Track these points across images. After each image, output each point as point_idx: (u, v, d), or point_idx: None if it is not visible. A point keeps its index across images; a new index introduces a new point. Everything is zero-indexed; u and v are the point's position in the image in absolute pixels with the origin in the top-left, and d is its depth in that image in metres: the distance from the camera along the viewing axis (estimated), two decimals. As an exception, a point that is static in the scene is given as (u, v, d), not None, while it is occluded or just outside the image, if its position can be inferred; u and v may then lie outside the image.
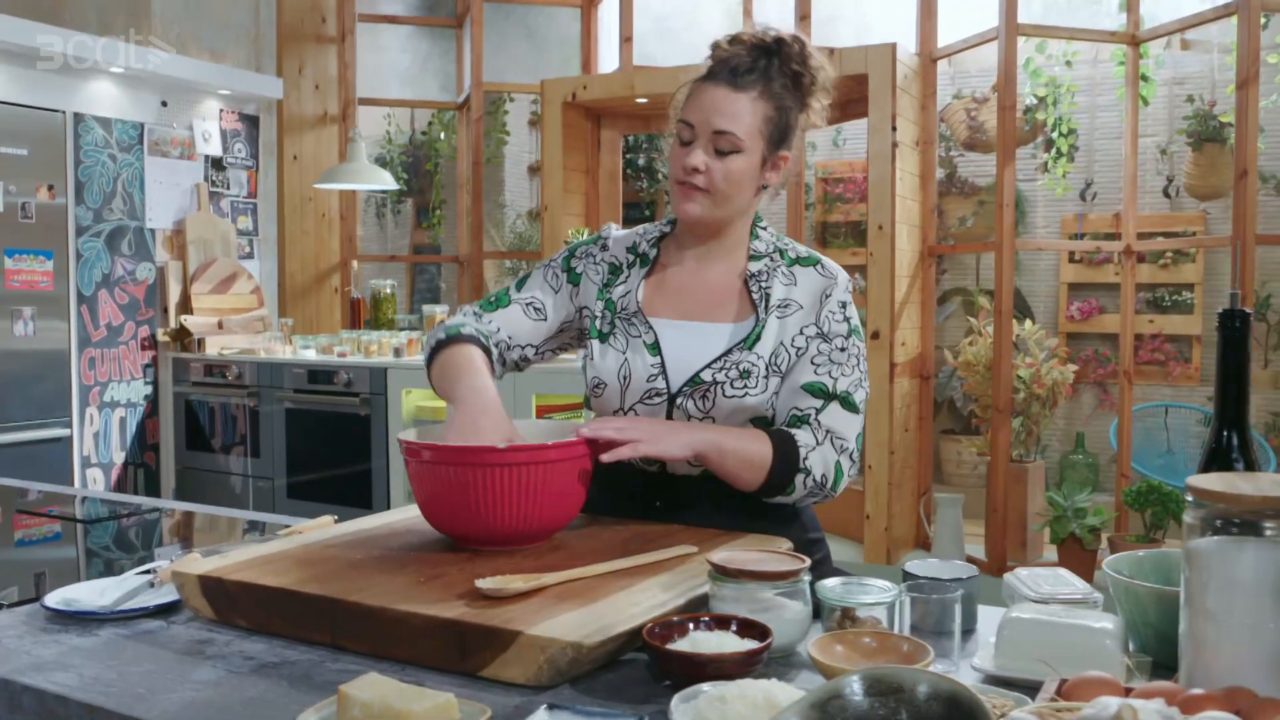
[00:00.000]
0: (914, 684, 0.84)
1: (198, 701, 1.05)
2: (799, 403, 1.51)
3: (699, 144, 1.50)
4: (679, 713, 0.93)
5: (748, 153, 1.50)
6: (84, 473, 4.66)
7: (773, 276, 1.57)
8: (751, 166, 1.52)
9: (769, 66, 1.51)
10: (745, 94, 1.49)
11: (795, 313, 1.55)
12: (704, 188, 1.51)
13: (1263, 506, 0.88)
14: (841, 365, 1.53)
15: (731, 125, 1.49)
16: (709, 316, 1.58)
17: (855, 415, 1.53)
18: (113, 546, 1.89)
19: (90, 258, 4.66)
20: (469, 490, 1.33)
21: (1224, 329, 1.00)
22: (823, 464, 1.49)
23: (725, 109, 1.49)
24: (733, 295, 1.59)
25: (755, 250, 1.60)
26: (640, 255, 1.65)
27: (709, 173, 1.50)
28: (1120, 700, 0.66)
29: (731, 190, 1.52)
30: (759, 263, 1.59)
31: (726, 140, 1.49)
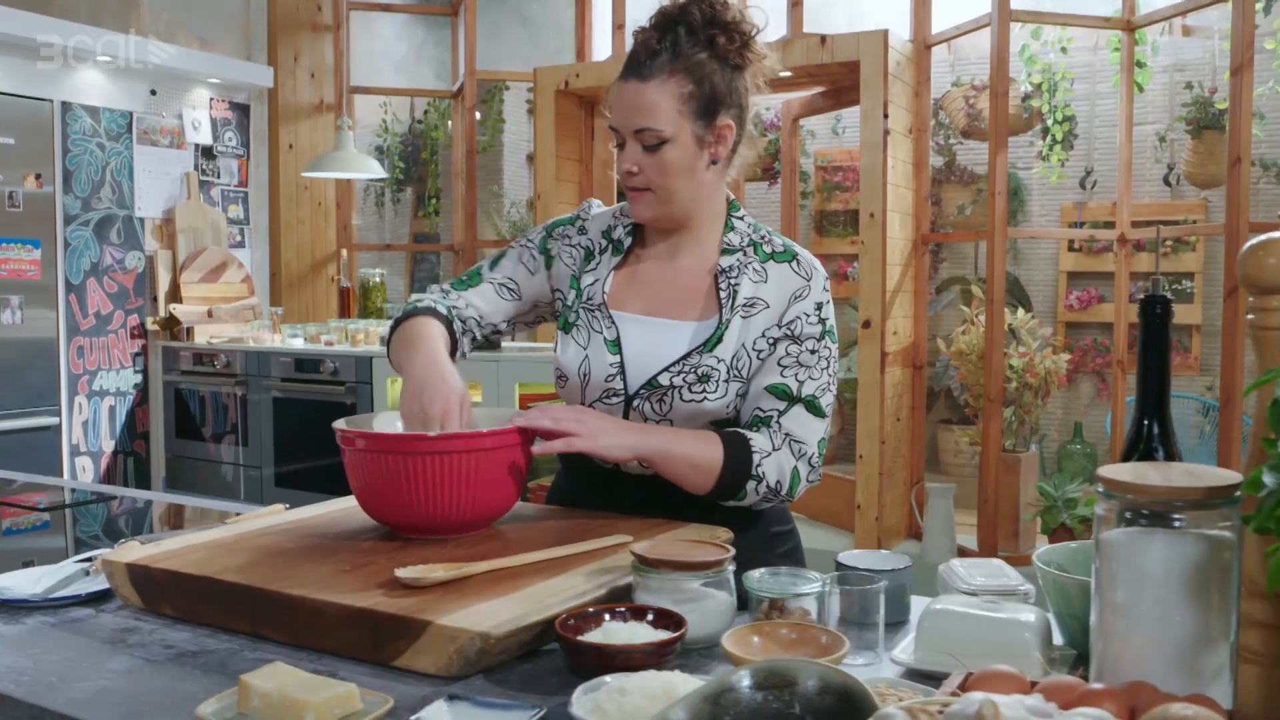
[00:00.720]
0: (806, 677, 0.83)
1: (107, 690, 1.04)
2: (762, 404, 1.47)
3: (628, 146, 1.47)
4: (579, 705, 0.92)
5: (675, 139, 1.44)
6: (73, 461, 4.67)
7: (743, 273, 1.50)
8: (685, 151, 1.46)
9: (677, 41, 1.44)
10: (652, 81, 1.43)
11: (761, 312, 1.48)
12: (644, 187, 1.47)
13: (1170, 497, 0.86)
14: (810, 368, 1.47)
15: (646, 119, 1.44)
16: (673, 314, 1.52)
17: (820, 420, 1.48)
18: (68, 535, 1.88)
19: (79, 246, 4.66)
20: (401, 479, 1.31)
21: (1144, 316, 0.98)
22: (778, 470, 1.44)
23: (637, 104, 1.44)
24: (700, 291, 1.52)
25: (729, 243, 1.53)
26: (615, 242, 1.59)
27: (643, 172, 1.46)
28: (983, 696, 0.64)
29: (672, 182, 1.47)
30: (731, 257, 1.51)
31: (648, 135, 1.44)
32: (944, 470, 6.10)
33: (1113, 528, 0.90)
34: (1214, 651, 0.86)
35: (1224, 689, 0.87)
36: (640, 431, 1.43)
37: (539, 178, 5.36)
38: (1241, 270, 0.92)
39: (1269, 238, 0.92)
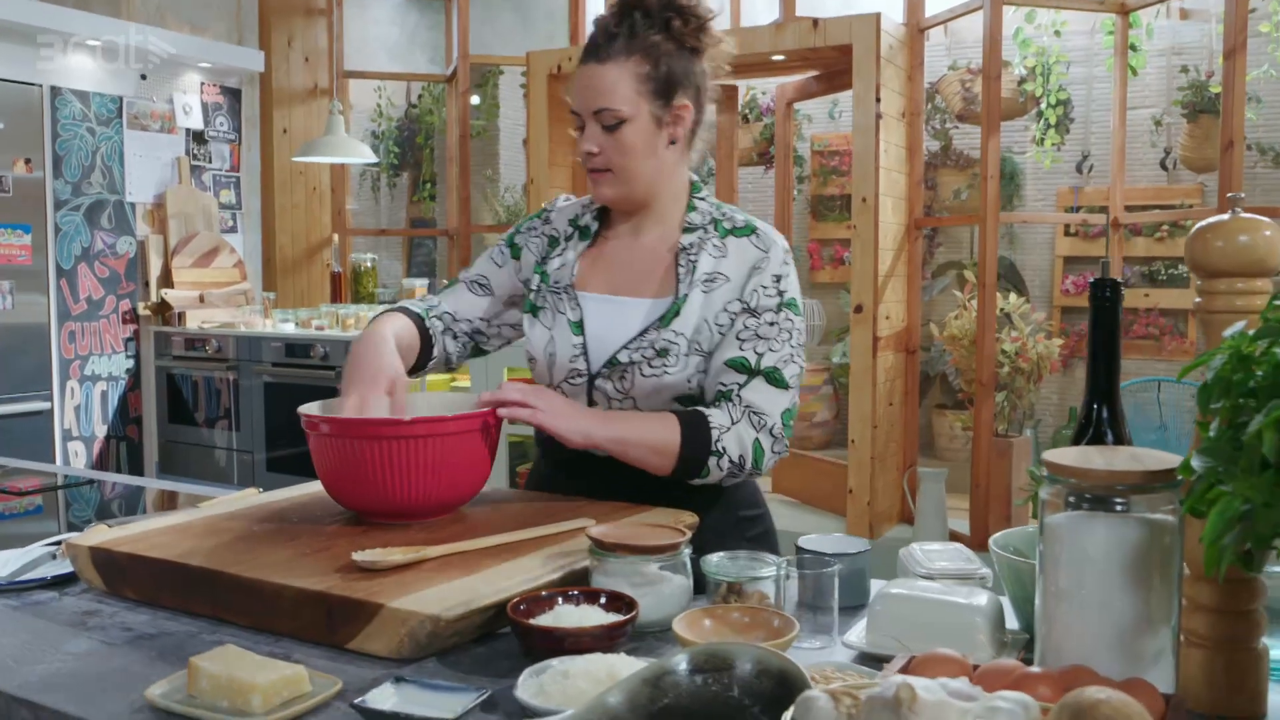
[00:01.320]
0: (743, 660, 0.83)
1: (61, 673, 1.05)
2: (723, 379, 1.48)
3: (588, 127, 1.49)
4: (523, 687, 0.92)
5: (634, 119, 1.47)
6: (65, 446, 4.68)
7: (703, 249, 1.52)
8: (644, 130, 1.48)
9: (633, 25, 1.47)
10: (610, 63, 1.46)
11: (722, 286, 1.50)
12: (605, 168, 1.50)
13: (1112, 481, 0.86)
14: (769, 340, 1.48)
15: (605, 100, 1.46)
16: (634, 291, 1.54)
17: (782, 391, 1.48)
18: (61, 519, 1.88)
19: (69, 231, 4.66)
20: (364, 463, 1.31)
21: (1094, 300, 0.97)
22: (739, 444, 1.44)
23: (596, 85, 1.47)
24: (660, 269, 1.54)
25: (690, 222, 1.55)
26: (581, 228, 1.62)
27: (603, 152, 1.48)
28: (901, 679, 0.64)
29: (631, 161, 1.49)
30: (692, 235, 1.53)
31: (607, 115, 1.47)
32: (939, 455, 6.10)
33: (1058, 512, 0.90)
34: (1155, 635, 0.86)
35: (1164, 673, 0.87)
36: (599, 420, 1.44)
37: (532, 162, 5.34)
38: (1188, 254, 0.92)
39: (1214, 221, 0.92)
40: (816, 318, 6.83)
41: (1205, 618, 0.92)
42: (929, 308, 6.22)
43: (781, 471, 5.78)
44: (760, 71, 5.57)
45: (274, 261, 5.67)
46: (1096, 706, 0.59)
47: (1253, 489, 0.63)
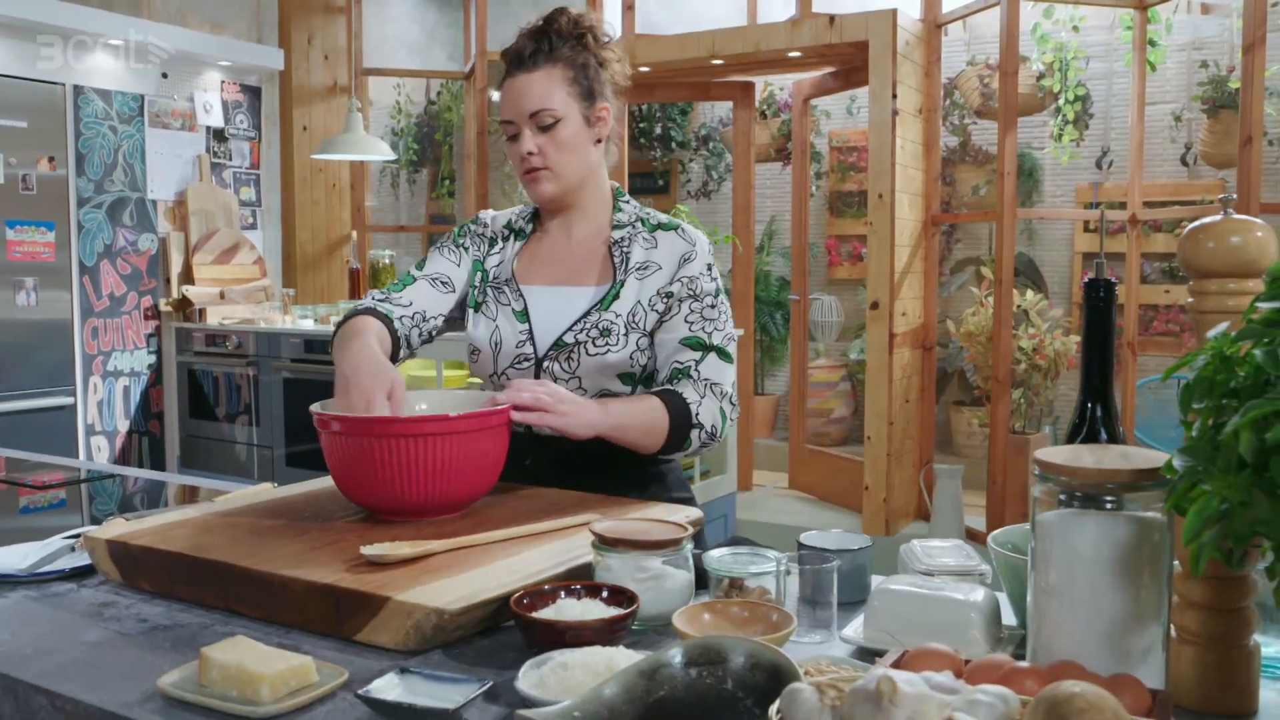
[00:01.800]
0: (736, 653, 0.84)
1: (77, 662, 1.08)
2: (679, 357, 1.63)
3: (524, 132, 1.63)
4: (524, 679, 0.94)
5: (567, 118, 1.62)
6: (88, 441, 4.74)
7: (634, 241, 1.68)
8: (576, 128, 1.63)
9: (551, 40, 1.63)
10: (538, 71, 1.61)
11: (655, 273, 1.65)
12: (544, 166, 1.63)
13: (1101, 479, 0.87)
14: (714, 321, 1.65)
15: (540, 102, 1.61)
16: (574, 280, 1.68)
17: (729, 364, 1.66)
18: (84, 512, 1.92)
19: (92, 229, 4.72)
20: (374, 461, 1.34)
21: (1088, 299, 0.98)
22: (710, 415, 1.61)
23: (529, 91, 1.61)
24: (596, 260, 1.69)
25: (618, 220, 1.70)
26: (516, 230, 1.77)
27: (542, 152, 1.62)
28: (883, 671, 0.66)
29: (567, 157, 1.63)
30: (622, 230, 1.69)
31: (544, 115, 1.61)
32: (957, 451, 6.09)
33: (1049, 510, 0.91)
34: (1144, 632, 0.87)
35: (1153, 669, 0.88)
36: (599, 411, 1.52)
37: (549, 159, 5.37)
38: (1181, 254, 0.92)
39: (1206, 222, 0.93)
40: (834, 314, 6.83)
41: (1196, 615, 0.93)
42: (947, 304, 6.21)
43: (798, 468, 5.79)
44: (777, 68, 5.58)
45: (294, 258, 5.72)
46: (1071, 699, 0.60)
47: (1230, 488, 0.65)
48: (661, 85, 5.69)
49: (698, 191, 7.26)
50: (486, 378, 1.71)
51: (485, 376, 1.71)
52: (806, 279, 5.88)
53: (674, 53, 5.17)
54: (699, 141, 7.19)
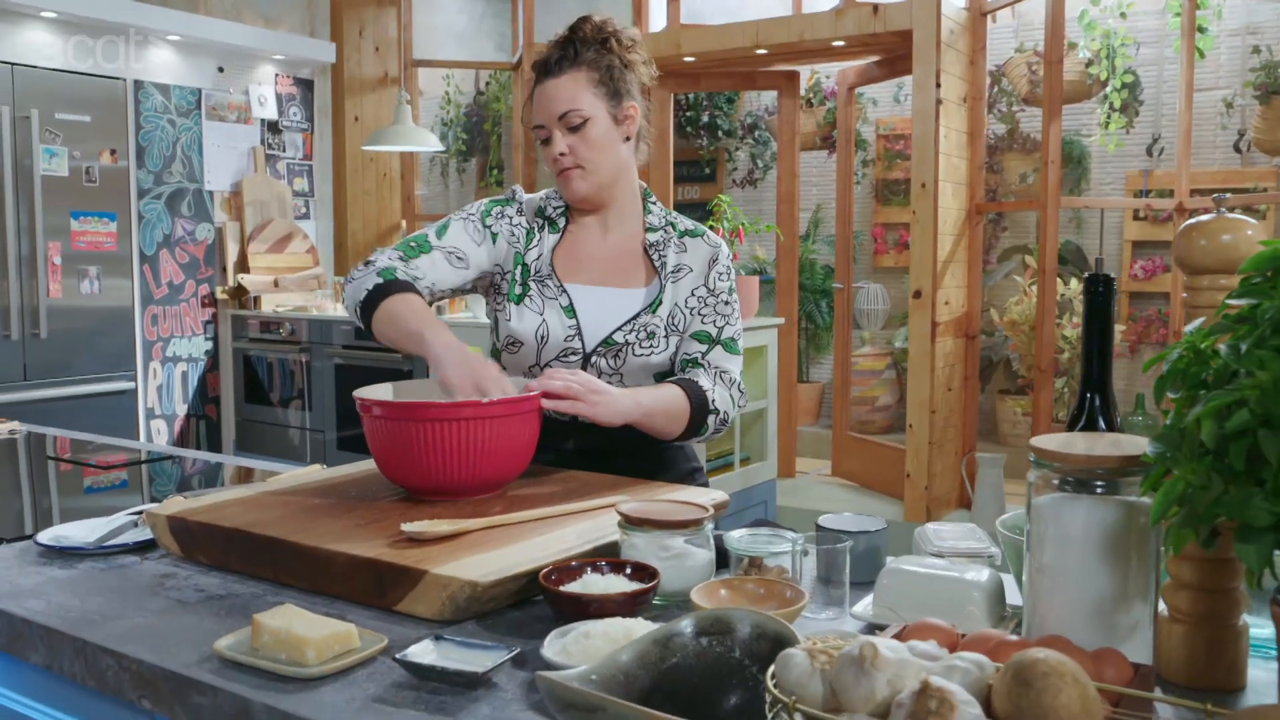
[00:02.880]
0: (742, 624, 0.91)
1: (140, 627, 1.16)
2: (688, 348, 1.74)
3: (555, 134, 1.70)
4: (549, 646, 1.01)
5: (595, 118, 1.69)
6: (148, 424, 4.91)
7: (667, 246, 1.77)
8: (605, 127, 1.70)
9: (575, 48, 1.70)
10: (565, 75, 1.69)
11: (687, 276, 1.75)
12: (576, 165, 1.70)
13: (1091, 465, 0.91)
14: (726, 316, 1.76)
15: (569, 104, 1.68)
16: (618, 282, 1.75)
17: (737, 356, 1.77)
18: (145, 492, 2.02)
19: (151, 219, 4.88)
20: (414, 445, 1.41)
21: (1088, 294, 1.02)
22: (723, 401, 1.71)
23: (557, 95, 1.69)
24: (636, 262, 1.77)
25: (650, 223, 1.79)
26: (549, 220, 1.80)
27: (574, 151, 1.70)
28: (866, 639, 0.72)
29: (599, 155, 1.70)
30: (655, 234, 1.78)
31: (573, 116, 1.68)
32: (1002, 440, 6.08)
33: (1043, 494, 0.96)
34: (1130, 610, 0.92)
35: (1140, 644, 0.93)
36: (626, 400, 1.59)
37: (594, 149, 5.44)
38: (1174, 251, 0.97)
39: (1199, 220, 0.97)
40: (880, 302, 6.84)
41: (1187, 595, 0.97)
42: (993, 292, 6.19)
43: (841, 455, 5.82)
44: (821, 57, 5.59)
45: (345, 246, 5.85)
46: (1035, 664, 0.65)
47: (1193, 472, 0.69)
48: (706, 75, 5.73)
49: (743, 180, 7.29)
50: (525, 370, 1.74)
51: (525, 369, 1.74)
52: (850, 267, 5.90)
53: (718, 42, 5.20)
54: (745, 129, 7.22)
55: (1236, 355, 0.68)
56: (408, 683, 1.00)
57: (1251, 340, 0.67)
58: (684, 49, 5.23)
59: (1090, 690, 0.66)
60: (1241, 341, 0.69)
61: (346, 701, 0.97)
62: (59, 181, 4.50)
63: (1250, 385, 0.66)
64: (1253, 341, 0.67)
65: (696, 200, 7.24)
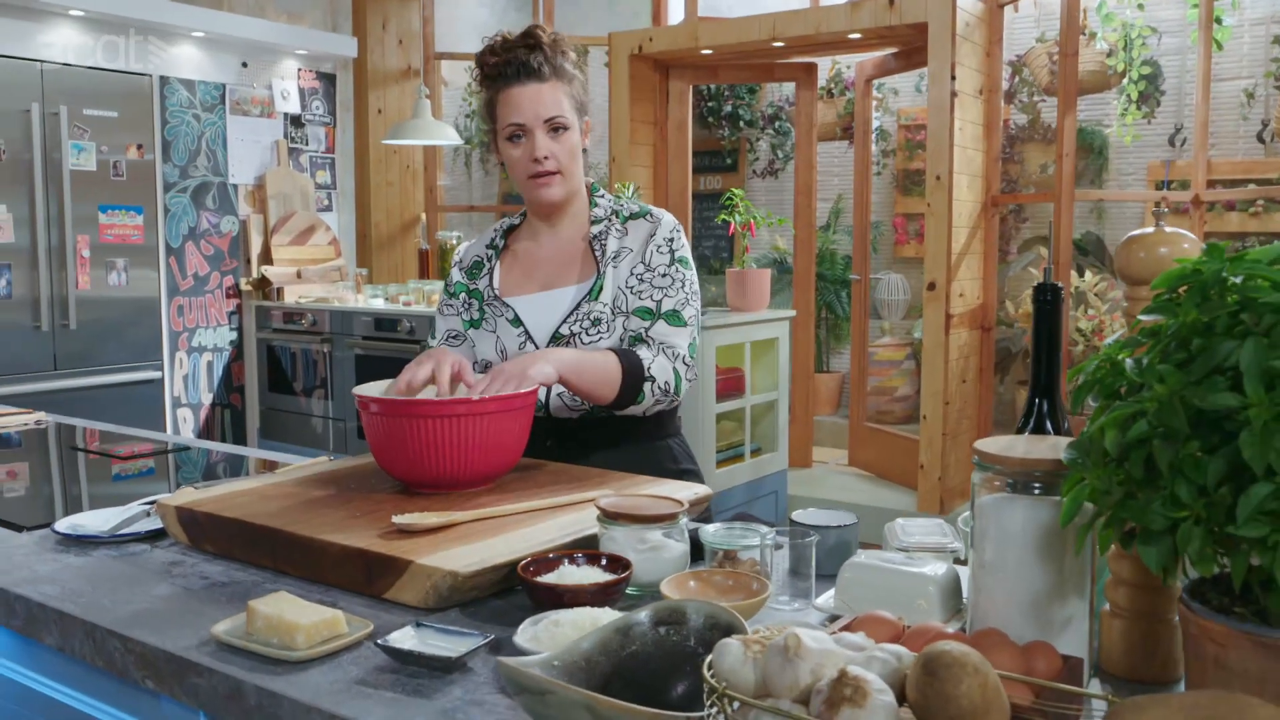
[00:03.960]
0: (695, 614, 0.96)
1: (146, 611, 1.24)
2: (632, 325, 1.77)
3: (536, 136, 1.75)
4: (521, 634, 1.07)
5: (572, 127, 1.78)
6: (174, 413, 5.03)
7: (609, 234, 1.82)
8: (576, 138, 1.80)
9: (543, 57, 1.75)
10: (548, 83, 1.76)
11: (626, 258, 1.80)
12: (555, 169, 1.77)
13: (1027, 468, 0.96)
14: (665, 289, 1.77)
15: (554, 110, 1.76)
16: (558, 282, 1.83)
17: (683, 328, 1.77)
18: (171, 480, 2.10)
19: (177, 212, 4.98)
20: (408, 440, 1.48)
21: (1037, 302, 1.07)
22: (663, 371, 1.72)
23: (544, 99, 1.75)
24: (578, 257, 1.84)
25: (595, 215, 1.85)
26: (495, 247, 1.92)
27: (553, 156, 1.76)
28: (792, 629, 0.77)
29: (573, 163, 1.79)
30: (599, 225, 1.84)
31: (557, 121, 1.76)
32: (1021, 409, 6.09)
33: (985, 494, 1.01)
34: (1065, 605, 0.97)
35: (1074, 638, 0.97)
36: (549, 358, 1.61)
37: (614, 141, 5.49)
38: (1117, 262, 1.01)
39: (1140, 233, 1.01)
40: (901, 292, 6.85)
41: (1125, 591, 1.02)
42: (1013, 283, 6.19)
43: (857, 445, 5.86)
44: (838, 49, 5.60)
45: (369, 238, 5.95)
46: (940, 655, 0.71)
47: (1098, 479, 0.74)
48: (725, 67, 5.76)
49: (764, 170, 7.31)
50: None
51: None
52: (868, 259, 5.92)
53: (735, 35, 5.23)
54: (766, 120, 7.24)
55: (1140, 369, 0.73)
56: (389, 666, 1.07)
57: (1153, 355, 0.72)
58: (701, 42, 5.26)
59: (991, 679, 0.71)
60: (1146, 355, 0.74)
61: (331, 683, 1.03)
62: (87, 176, 4.61)
63: (1150, 398, 0.71)
64: (1154, 356, 0.72)
65: (718, 190, 7.28)
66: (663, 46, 5.37)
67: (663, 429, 1.85)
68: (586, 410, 1.78)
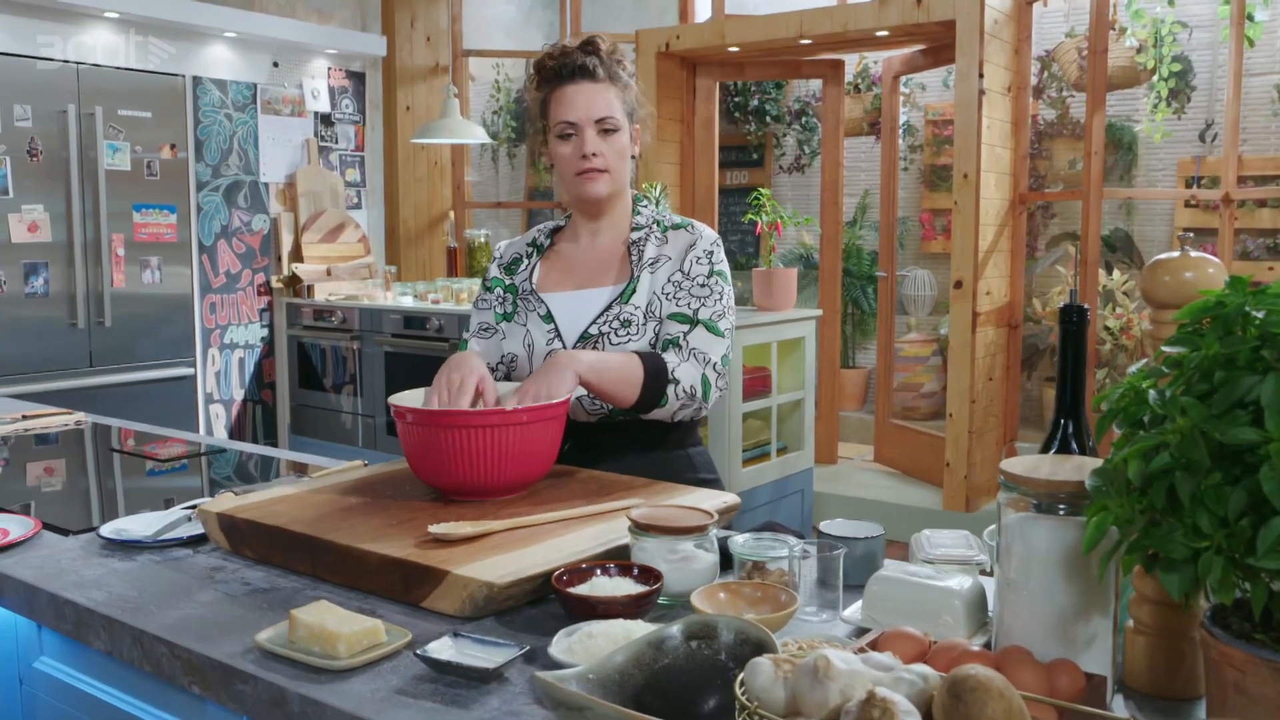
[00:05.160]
0: (726, 629, 0.99)
1: (191, 618, 1.28)
2: (669, 329, 1.79)
3: (586, 134, 1.79)
4: (556, 645, 1.10)
5: (623, 130, 1.82)
6: (207, 409, 5.10)
7: (648, 241, 1.86)
8: (626, 140, 1.84)
9: (601, 61, 1.80)
10: (602, 84, 1.80)
11: (664, 264, 1.83)
12: (603, 168, 1.80)
13: (1053, 489, 0.98)
14: (703, 299, 1.80)
15: (607, 110, 1.79)
16: (594, 283, 1.86)
17: (718, 338, 1.80)
18: (204, 477, 2.15)
19: (210, 210, 5.05)
20: (444, 449, 1.51)
21: (1063, 324, 1.08)
22: (689, 376, 1.74)
23: (597, 99, 1.79)
24: (615, 261, 1.87)
25: (637, 223, 1.89)
26: (538, 246, 1.95)
27: (602, 155, 1.80)
28: (822, 650, 0.79)
29: (621, 163, 1.83)
30: (639, 232, 1.87)
31: (609, 122, 1.80)
32: (1047, 428, 6.07)
33: (1011, 513, 1.03)
34: (1089, 623, 0.99)
35: (1098, 656, 0.99)
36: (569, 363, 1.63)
37: (640, 138, 5.51)
38: (1141, 286, 1.03)
39: (1165, 258, 1.03)
40: (928, 288, 6.84)
41: (1150, 609, 1.04)
42: (1040, 280, 6.17)
43: (883, 442, 5.86)
44: (865, 46, 5.60)
45: (397, 234, 6.00)
46: (966, 679, 0.73)
47: (1120, 508, 0.76)
48: (751, 64, 5.76)
49: (790, 165, 7.31)
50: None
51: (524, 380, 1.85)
52: (894, 256, 5.91)
53: (763, 33, 5.23)
54: (793, 115, 7.23)
55: (1163, 400, 0.75)
56: (427, 676, 1.10)
57: (1176, 387, 0.74)
58: (729, 39, 5.27)
59: (1015, 703, 0.73)
60: (1170, 388, 0.75)
61: (372, 692, 1.07)
62: (122, 175, 4.68)
63: (1172, 430, 0.73)
64: (1177, 389, 0.74)
65: (745, 185, 7.28)
66: (690, 44, 5.38)
67: (683, 438, 1.87)
68: (605, 415, 1.81)
